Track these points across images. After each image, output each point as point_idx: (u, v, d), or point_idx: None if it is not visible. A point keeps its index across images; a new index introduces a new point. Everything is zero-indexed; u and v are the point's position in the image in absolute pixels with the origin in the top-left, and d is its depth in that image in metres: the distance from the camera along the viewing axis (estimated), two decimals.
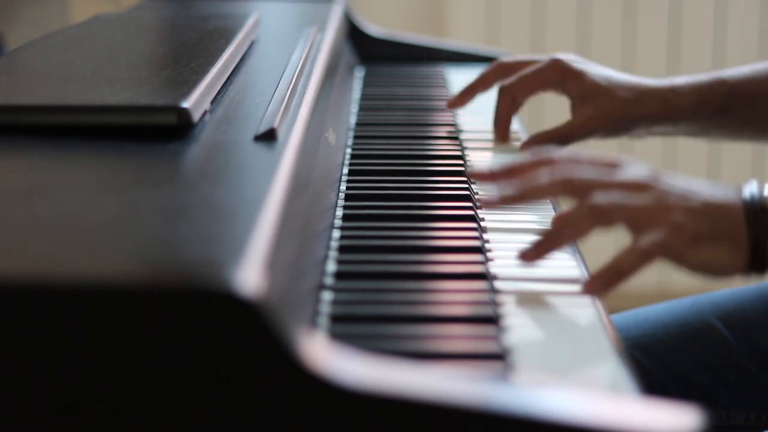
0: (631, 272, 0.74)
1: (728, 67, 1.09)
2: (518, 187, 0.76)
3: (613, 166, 0.77)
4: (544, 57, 1.10)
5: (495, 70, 1.12)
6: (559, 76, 1.06)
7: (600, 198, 0.74)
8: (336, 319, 0.66)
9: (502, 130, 1.08)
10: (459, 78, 1.27)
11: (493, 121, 1.09)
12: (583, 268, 0.77)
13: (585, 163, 0.77)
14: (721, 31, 2.23)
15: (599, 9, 2.25)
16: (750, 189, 0.78)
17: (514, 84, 1.07)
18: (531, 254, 0.75)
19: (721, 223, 0.77)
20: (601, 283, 0.73)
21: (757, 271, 0.78)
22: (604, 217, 0.74)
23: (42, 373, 0.50)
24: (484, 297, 0.70)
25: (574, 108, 1.06)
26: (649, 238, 0.74)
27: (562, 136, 1.06)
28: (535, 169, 0.77)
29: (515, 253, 0.75)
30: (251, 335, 0.49)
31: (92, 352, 0.50)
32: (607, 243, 2.31)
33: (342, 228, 0.81)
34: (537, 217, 0.87)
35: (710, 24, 2.23)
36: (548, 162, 0.77)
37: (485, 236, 0.81)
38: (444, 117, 1.16)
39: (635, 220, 0.75)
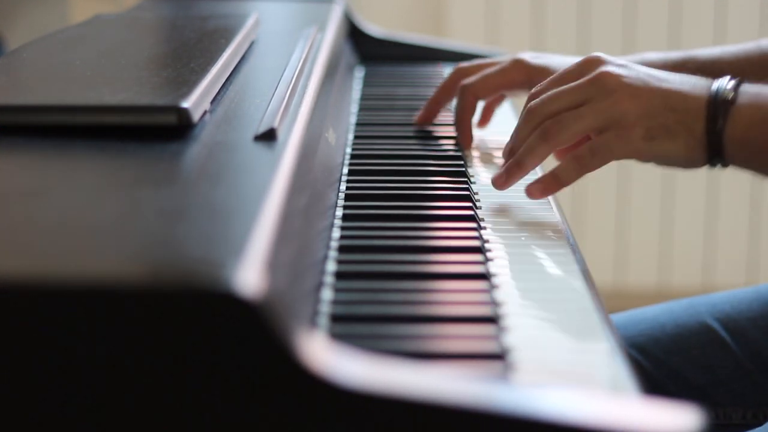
0: (569, 180, 0.84)
1: None
2: (514, 160, 0.86)
3: (588, 68, 0.85)
4: (504, 57, 1.09)
5: (454, 76, 1.10)
6: (524, 76, 1.05)
7: (548, 122, 0.83)
8: (336, 319, 0.66)
9: (464, 133, 1.06)
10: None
11: (454, 123, 1.07)
12: (584, 270, 0.77)
13: (555, 85, 0.86)
14: (721, 31, 2.23)
15: (599, 9, 2.25)
16: (720, 82, 0.82)
17: (476, 82, 1.06)
18: (501, 180, 0.87)
19: (680, 114, 0.81)
20: (540, 189, 0.84)
21: (719, 162, 0.82)
22: (553, 138, 0.83)
23: (42, 373, 0.50)
24: (484, 297, 0.70)
25: None
26: (585, 148, 0.83)
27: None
28: (524, 130, 0.86)
29: (515, 253, 0.75)
30: (251, 335, 0.50)
31: (92, 352, 0.50)
32: (607, 244, 2.32)
33: (342, 228, 0.81)
34: (538, 216, 0.87)
35: (710, 24, 2.23)
36: (528, 117, 0.85)
37: (485, 235, 0.81)
38: (444, 117, 1.16)
39: (583, 129, 0.82)
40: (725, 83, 0.82)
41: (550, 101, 0.85)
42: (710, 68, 1.06)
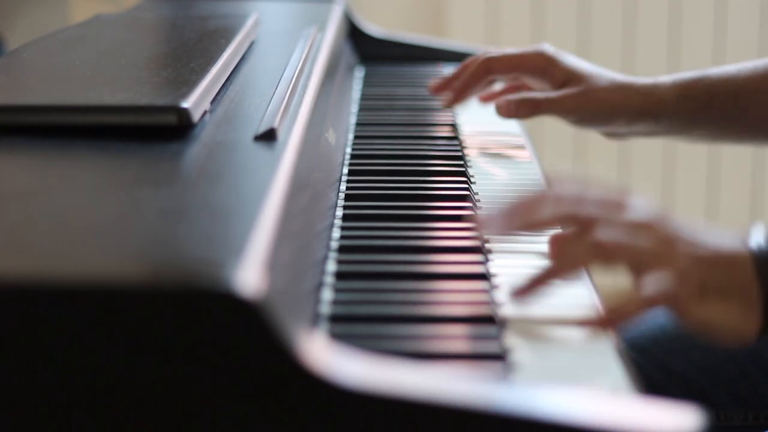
0: (635, 317, 0.68)
1: None
2: (521, 219, 0.72)
3: (620, 204, 0.71)
4: (529, 48, 1.10)
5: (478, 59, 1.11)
6: (542, 63, 1.07)
7: (604, 234, 0.69)
8: (336, 319, 0.66)
9: (458, 93, 1.08)
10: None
11: (458, 82, 1.08)
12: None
13: (591, 201, 0.72)
14: (721, 31, 2.23)
15: (599, 9, 2.25)
16: (756, 238, 0.72)
17: (495, 58, 1.08)
18: (525, 290, 0.69)
19: (730, 274, 0.70)
20: (605, 326, 0.67)
21: None
22: (606, 255, 0.68)
23: (42, 372, 0.50)
24: (484, 297, 0.70)
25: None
26: (654, 284, 0.68)
27: (536, 103, 1.05)
28: (540, 203, 0.72)
29: (515, 253, 0.75)
30: (251, 335, 0.49)
31: (92, 352, 0.50)
32: None
33: (342, 228, 0.81)
34: None
35: (710, 24, 2.23)
36: (554, 199, 0.72)
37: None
38: (444, 117, 1.16)
39: (638, 261, 0.69)
40: (761, 238, 0.71)
41: (591, 207, 0.72)
42: (725, 87, 1.05)
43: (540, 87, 1.09)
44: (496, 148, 1.08)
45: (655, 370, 0.99)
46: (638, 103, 1.05)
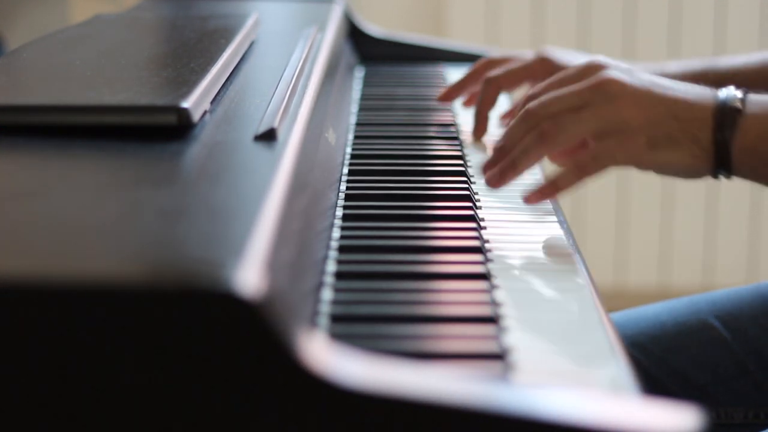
0: (567, 187, 0.82)
1: None
2: (509, 160, 0.84)
3: (588, 73, 0.84)
4: (530, 53, 1.11)
5: (482, 66, 1.14)
6: (549, 72, 1.07)
7: (546, 123, 0.81)
8: (336, 319, 0.66)
9: (481, 125, 1.09)
10: (459, 78, 1.28)
11: (475, 113, 1.10)
12: (583, 268, 0.77)
13: (555, 87, 0.84)
14: (721, 31, 2.23)
15: (599, 8, 2.25)
16: (726, 91, 0.81)
17: (501, 75, 1.09)
18: (495, 179, 0.85)
19: (686, 124, 0.80)
20: (538, 196, 0.83)
21: (723, 173, 0.81)
22: (551, 140, 0.82)
23: (42, 372, 0.50)
24: (484, 297, 0.70)
25: None
26: (592, 151, 0.80)
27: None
28: (519, 130, 0.84)
29: (515, 254, 0.75)
30: (251, 335, 0.49)
31: (92, 353, 0.50)
32: (607, 244, 2.32)
33: (342, 228, 0.81)
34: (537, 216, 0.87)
35: (710, 24, 2.23)
36: (525, 117, 0.84)
37: (485, 235, 0.81)
38: (444, 117, 1.16)
39: (583, 132, 0.81)
40: (732, 92, 0.81)
41: (549, 103, 0.84)
42: (732, 78, 1.05)
43: None
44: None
45: (655, 367, 0.99)
46: None
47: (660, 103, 0.80)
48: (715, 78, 1.05)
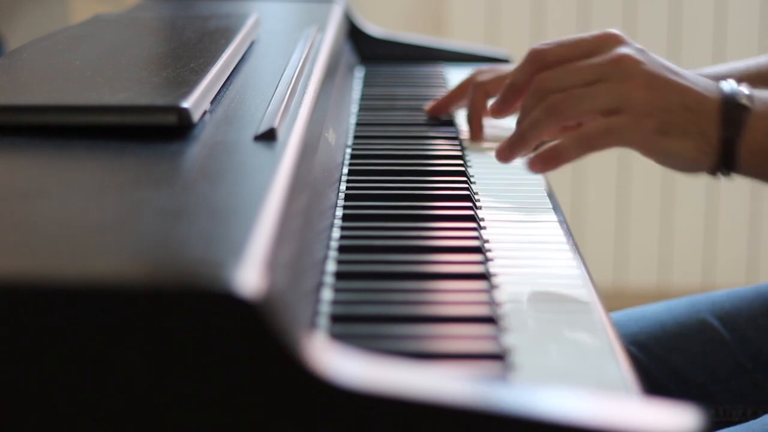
0: (572, 157, 0.79)
1: None
2: (518, 133, 0.83)
3: (605, 44, 0.81)
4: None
5: (471, 77, 1.11)
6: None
7: (557, 96, 0.79)
8: (336, 319, 0.66)
9: (475, 128, 1.08)
10: (459, 78, 1.28)
11: (467, 118, 1.09)
12: (583, 268, 0.77)
13: (569, 53, 0.82)
14: (721, 31, 2.23)
15: (599, 9, 2.25)
16: (729, 85, 0.80)
17: (489, 80, 1.07)
18: (505, 153, 0.85)
19: (695, 116, 0.78)
20: (541, 165, 0.80)
21: (725, 171, 0.79)
22: (561, 113, 0.79)
23: (42, 372, 0.50)
24: (484, 297, 0.70)
25: None
26: (602, 125, 0.78)
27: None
28: (530, 102, 0.83)
29: (515, 254, 0.75)
30: (251, 335, 0.50)
31: (92, 353, 0.50)
32: (607, 244, 2.32)
33: (342, 228, 0.81)
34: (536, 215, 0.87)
35: (710, 24, 2.23)
36: (537, 89, 0.82)
37: (485, 235, 0.81)
38: (444, 117, 1.16)
39: (595, 107, 0.79)
40: (737, 87, 0.80)
41: (563, 75, 0.81)
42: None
43: None
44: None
45: (655, 366, 0.99)
46: None
47: (673, 90, 0.79)
48: None
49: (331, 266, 0.74)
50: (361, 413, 0.51)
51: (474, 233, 0.81)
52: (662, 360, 0.99)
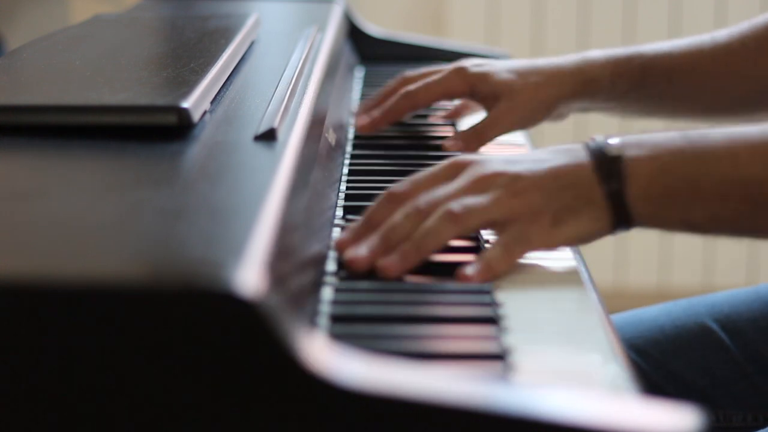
0: (503, 270, 0.74)
1: None
2: (413, 245, 0.73)
3: (457, 172, 0.76)
4: (447, 66, 1.09)
5: (398, 84, 1.09)
6: (465, 85, 1.05)
7: (453, 205, 0.73)
8: (336, 319, 0.66)
9: (377, 122, 1.06)
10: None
11: (380, 111, 1.06)
12: (583, 268, 0.77)
13: (429, 186, 0.76)
14: None
15: (599, 9, 2.25)
16: (593, 143, 0.76)
17: (417, 90, 1.05)
18: (393, 268, 0.72)
19: (576, 190, 0.74)
20: (477, 276, 0.73)
21: (624, 226, 0.75)
22: (461, 222, 0.73)
23: (42, 372, 0.50)
24: (484, 297, 0.70)
25: (489, 109, 1.05)
26: (508, 236, 0.74)
27: (479, 133, 1.04)
28: (390, 215, 0.75)
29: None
30: (251, 335, 0.49)
31: (92, 352, 0.50)
32: (607, 244, 2.32)
33: (342, 228, 0.81)
34: None
35: (710, 24, 2.23)
36: (395, 203, 0.75)
37: (485, 236, 0.81)
38: (444, 118, 1.16)
39: (490, 218, 0.74)
40: (602, 140, 0.75)
41: (436, 194, 0.75)
42: (659, 64, 1.05)
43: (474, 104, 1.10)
44: (496, 148, 1.08)
45: (654, 370, 0.99)
46: (570, 87, 1.04)
47: (546, 178, 0.75)
48: (641, 64, 1.04)
49: (331, 266, 0.74)
50: (361, 413, 0.51)
51: (473, 233, 0.81)
52: (661, 364, 0.99)
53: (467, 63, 1.06)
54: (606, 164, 0.74)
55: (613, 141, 0.75)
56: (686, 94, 1.06)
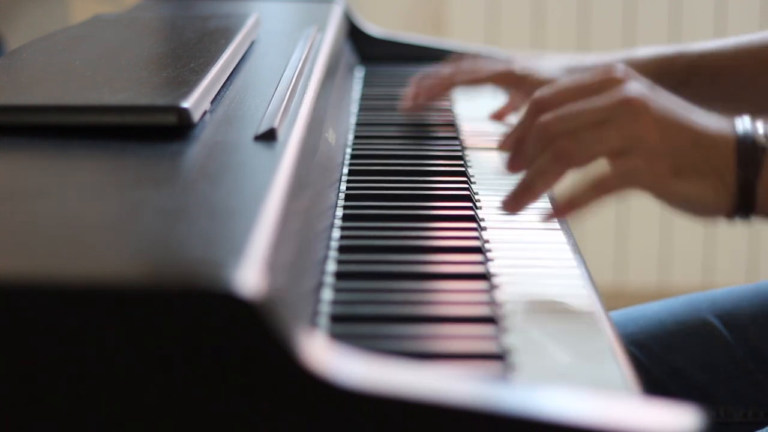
0: (587, 205, 0.74)
1: None
2: (525, 185, 0.77)
3: (601, 88, 0.77)
4: (499, 59, 1.09)
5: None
6: (511, 82, 1.07)
7: (564, 142, 0.74)
8: (336, 319, 0.66)
9: (415, 100, 1.09)
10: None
11: (418, 87, 1.09)
12: (583, 268, 0.77)
13: (568, 110, 0.76)
14: (721, 31, 2.23)
15: (599, 9, 2.25)
16: (743, 124, 0.75)
17: (463, 74, 1.08)
18: (511, 205, 0.77)
19: (709, 156, 0.74)
20: (556, 216, 0.75)
21: (743, 215, 0.74)
22: (568, 161, 0.74)
23: (42, 372, 0.50)
24: (484, 297, 0.70)
25: None
26: (616, 169, 0.74)
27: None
28: (528, 143, 0.78)
29: (515, 254, 0.75)
30: (251, 335, 0.50)
31: (92, 352, 0.50)
32: (607, 244, 2.32)
33: (342, 228, 0.81)
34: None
35: (710, 24, 2.23)
36: (540, 134, 0.77)
37: (485, 235, 0.81)
38: (444, 117, 1.16)
39: (614, 147, 0.74)
40: (753, 126, 0.75)
41: (567, 118, 0.76)
42: (707, 63, 1.04)
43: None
44: (497, 148, 1.08)
45: (655, 366, 0.99)
46: None
47: (684, 129, 0.74)
48: (686, 63, 1.04)
49: (331, 266, 0.74)
50: (361, 413, 0.51)
51: (474, 233, 0.81)
52: (662, 360, 0.99)
53: (515, 64, 1.07)
54: (748, 149, 0.73)
55: (762, 129, 0.74)
56: (733, 93, 1.06)
